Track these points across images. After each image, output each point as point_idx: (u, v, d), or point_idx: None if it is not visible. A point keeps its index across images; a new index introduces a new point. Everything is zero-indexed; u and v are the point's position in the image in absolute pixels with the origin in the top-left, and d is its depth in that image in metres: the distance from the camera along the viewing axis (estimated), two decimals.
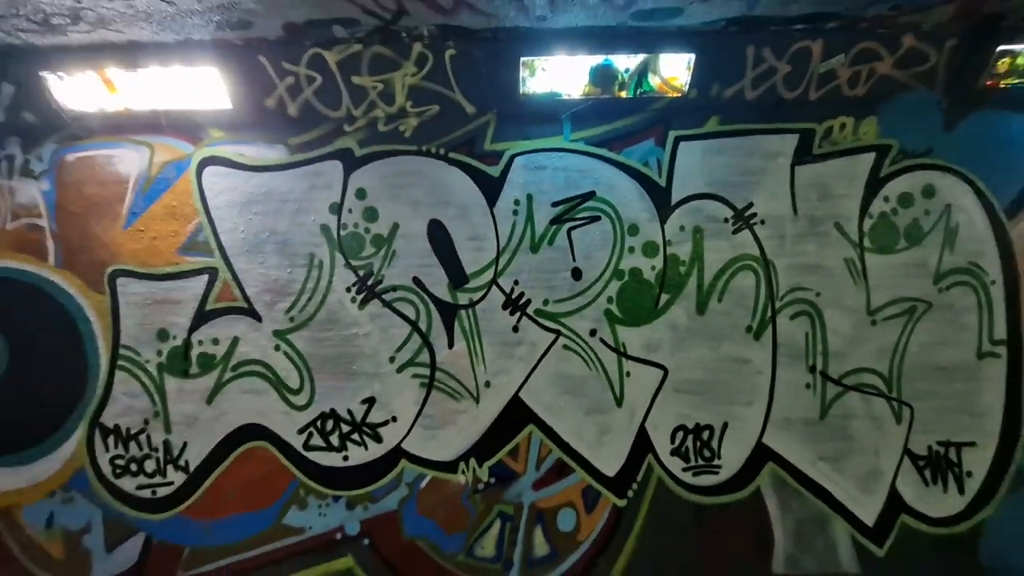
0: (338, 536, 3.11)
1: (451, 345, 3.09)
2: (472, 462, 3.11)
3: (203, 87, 2.90)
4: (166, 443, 3.12)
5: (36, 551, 3.14)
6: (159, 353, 3.10)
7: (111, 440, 3.12)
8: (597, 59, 2.83)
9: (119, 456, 3.12)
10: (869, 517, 3.13)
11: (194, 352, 3.10)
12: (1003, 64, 2.92)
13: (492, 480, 3.11)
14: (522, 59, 2.81)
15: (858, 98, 3.02)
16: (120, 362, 3.10)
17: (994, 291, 3.10)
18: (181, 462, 3.12)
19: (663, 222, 3.09)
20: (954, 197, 3.09)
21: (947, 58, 2.89)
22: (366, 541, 3.12)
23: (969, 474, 3.12)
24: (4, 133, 3.09)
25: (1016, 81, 2.97)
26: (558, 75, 2.89)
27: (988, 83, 2.99)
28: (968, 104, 3.05)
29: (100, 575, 3.13)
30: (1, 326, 3.12)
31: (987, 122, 3.07)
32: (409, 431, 3.11)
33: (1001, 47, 2.84)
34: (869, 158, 3.08)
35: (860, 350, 3.10)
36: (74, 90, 2.91)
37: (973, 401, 3.10)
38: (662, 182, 3.08)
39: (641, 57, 2.83)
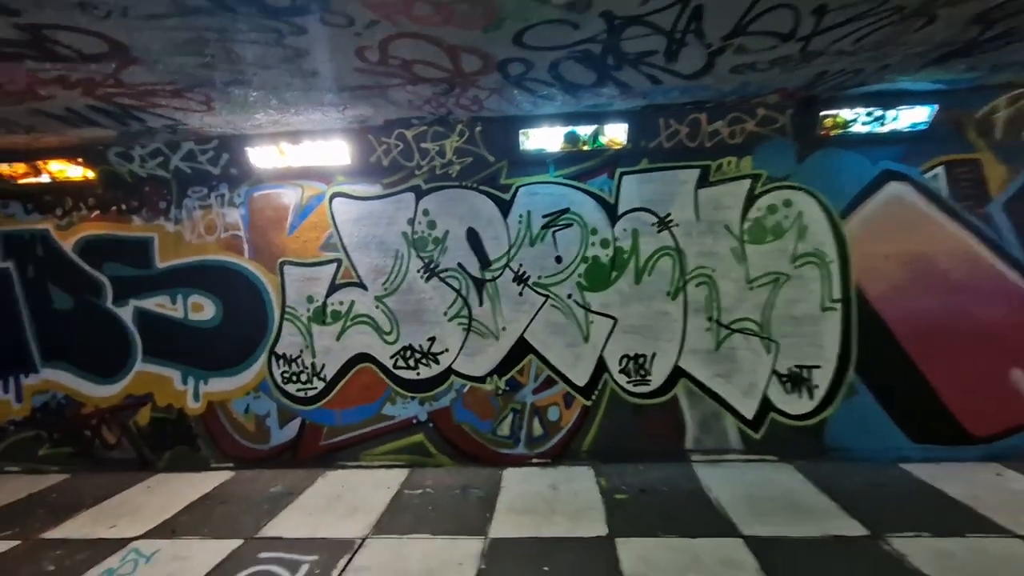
0: (414, 421, 5.13)
1: (481, 304, 5.04)
2: (495, 377, 5.05)
3: (335, 152, 4.94)
4: (312, 364, 5.22)
5: (239, 427, 5.32)
6: (308, 310, 5.20)
7: (281, 362, 5.25)
8: (566, 128, 4.68)
9: (286, 371, 5.25)
10: (749, 413, 4.87)
11: (329, 309, 5.18)
12: (829, 121, 4.58)
13: (507, 388, 5.05)
14: (520, 130, 4.70)
15: (738, 144, 4.73)
16: (286, 316, 5.22)
17: (832, 267, 4.76)
18: (322, 375, 5.22)
19: (613, 226, 4.91)
20: (804, 206, 4.76)
21: (790, 119, 4.57)
22: (431, 424, 5.12)
23: (816, 386, 4.80)
24: (219, 180, 5.24)
25: (840, 131, 4.62)
26: (543, 139, 4.76)
27: (823, 132, 4.65)
28: (812, 146, 4.71)
29: (275, 442, 5.28)
30: (218, 294, 5.28)
31: (825, 157, 4.72)
32: (456, 357, 5.08)
33: (823, 112, 4.50)
34: (747, 182, 4.80)
35: (742, 306, 4.84)
36: (261, 155, 5.01)
37: (818, 339, 4.78)
38: (612, 201, 4.90)
39: (594, 127, 4.66)
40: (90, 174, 5.17)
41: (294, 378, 5.24)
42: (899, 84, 4.15)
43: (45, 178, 5.19)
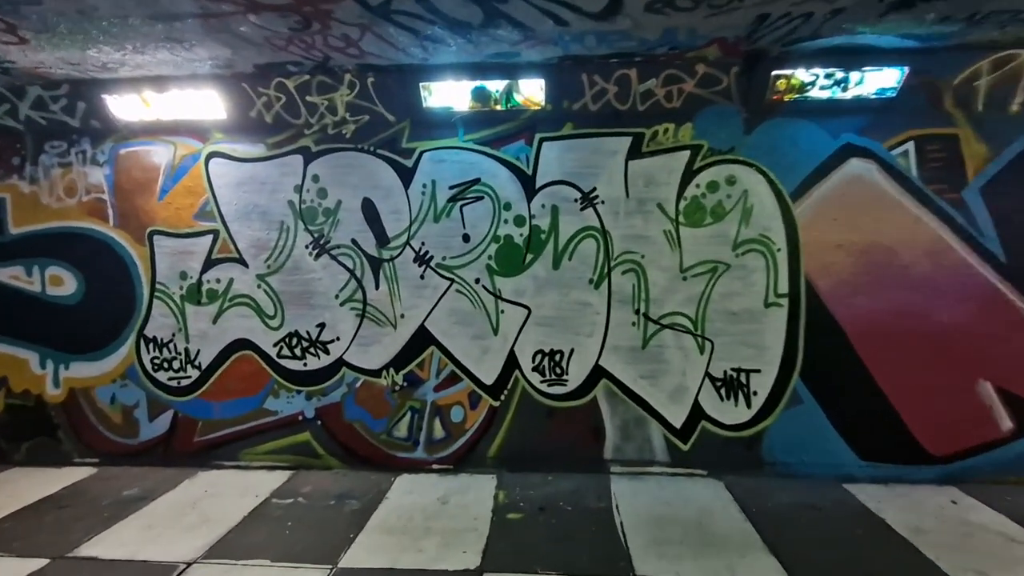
0: (300, 418, 4.55)
1: (377, 287, 4.41)
2: (392, 370, 4.46)
3: (207, 104, 4.25)
4: (186, 350, 4.61)
5: (104, 418, 4.72)
6: (181, 288, 4.56)
7: (151, 346, 4.63)
8: (474, 83, 4.01)
9: (156, 357, 4.63)
10: (677, 421, 4.31)
11: (204, 288, 4.54)
12: (782, 84, 3.92)
13: (405, 383, 4.46)
14: (421, 83, 4.02)
15: (676, 110, 4.08)
16: (156, 293, 4.58)
17: (779, 257, 4.15)
18: (196, 363, 4.61)
19: (530, 201, 4.27)
20: (751, 184, 4.13)
21: (735, 80, 3.91)
22: (319, 422, 4.54)
23: (755, 393, 4.24)
24: (80, 134, 4.55)
25: (795, 96, 3.96)
26: (449, 94, 4.09)
27: (774, 98, 3.99)
28: (761, 113, 4.06)
29: (144, 436, 4.69)
30: (78, 266, 4.64)
31: (776, 128, 4.08)
32: (348, 347, 4.48)
33: (774, 72, 3.83)
34: (685, 154, 4.15)
35: (674, 298, 4.24)
36: (124, 106, 4.31)
37: (760, 338, 4.20)
38: (529, 172, 4.25)
39: (505, 82, 3.99)
40: None
41: (165, 365, 4.63)
42: (863, 39, 3.49)
43: None
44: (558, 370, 4.35)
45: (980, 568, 3.06)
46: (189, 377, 4.62)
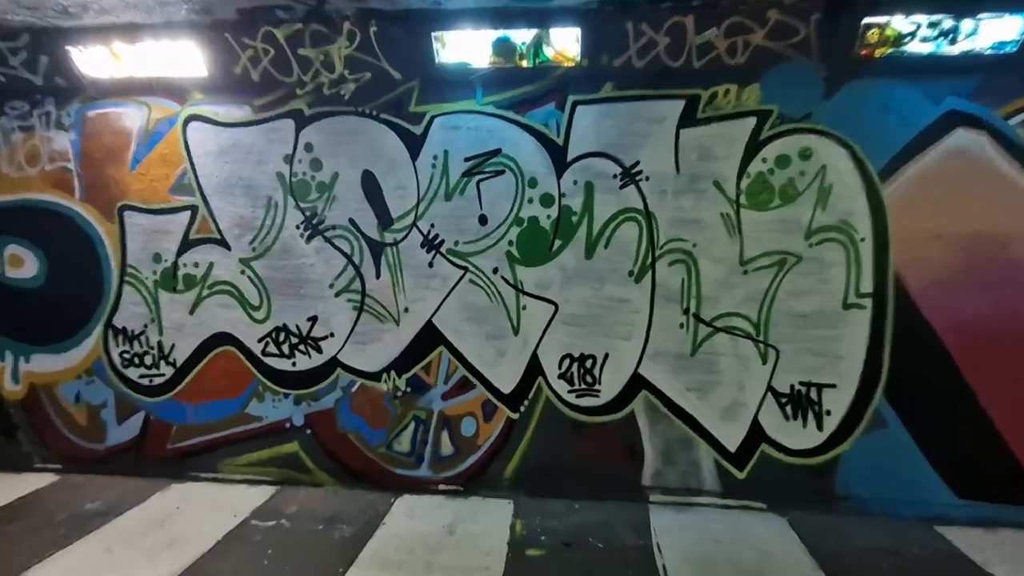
0: (287, 425, 4.35)
1: (378, 276, 4.17)
2: (393, 373, 4.22)
3: (186, 58, 4.04)
4: (159, 343, 4.44)
5: (68, 419, 4.59)
6: (155, 272, 4.39)
7: (120, 338, 4.48)
8: (497, 34, 3.71)
9: (126, 351, 4.48)
10: (732, 444, 3.98)
11: (180, 273, 4.36)
12: (873, 35, 3.53)
13: (409, 389, 4.22)
14: (433, 34, 3.74)
15: (740, 67, 3.72)
16: (127, 278, 4.42)
17: (863, 248, 3.78)
18: (171, 359, 4.44)
19: (559, 177, 3.97)
20: (830, 159, 3.76)
21: (815, 30, 3.54)
22: (309, 431, 4.34)
23: (828, 412, 3.89)
24: (43, 94, 4.39)
25: (889, 50, 3.58)
26: (466, 47, 3.80)
27: (863, 52, 3.61)
28: (845, 73, 3.68)
29: (112, 441, 4.55)
30: (40, 245, 4.50)
31: (864, 90, 3.70)
32: (343, 345, 4.25)
33: (865, 20, 3.45)
34: (750, 122, 3.80)
35: (732, 296, 3.90)
36: (91, 60, 4.13)
37: (836, 347, 3.84)
38: (560, 141, 3.95)
39: (533, 32, 3.68)
40: None
41: (136, 360, 4.47)
42: None
43: None
44: (589, 378, 4.05)
45: None
46: (163, 375, 4.46)
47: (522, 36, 3.72)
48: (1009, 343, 3.74)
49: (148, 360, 4.46)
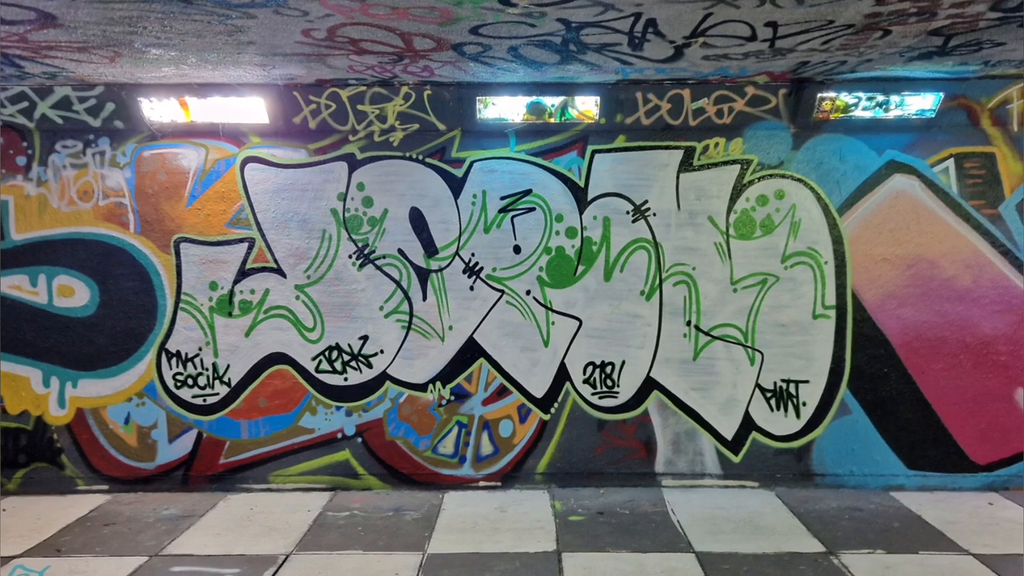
0: (339, 436, 6.71)
1: (425, 298, 6.63)
2: (438, 384, 6.67)
3: (249, 108, 6.38)
4: (214, 364, 6.71)
5: (116, 440, 6.76)
6: (210, 299, 6.67)
7: (173, 361, 6.71)
8: (530, 98, 6.29)
9: (179, 373, 6.71)
10: (728, 432, 6.67)
11: (237, 299, 6.66)
12: (827, 104, 6.34)
13: (452, 398, 6.68)
14: (478, 97, 6.27)
15: (726, 125, 6.45)
16: (182, 304, 6.67)
17: (827, 269, 6.57)
18: (225, 379, 6.71)
19: (581, 213, 6.56)
20: (799, 199, 6.53)
21: (783, 100, 6.31)
22: (359, 439, 6.71)
23: (804, 403, 6.64)
24: (96, 134, 6.60)
25: (840, 115, 6.39)
26: (504, 107, 6.36)
27: (821, 116, 6.41)
28: (809, 130, 6.48)
29: (163, 459, 6.76)
30: (94, 276, 6.68)
31: (824, 144, 6.50)
32: (392, 360, 6.67)
33: (820, 94, 6.25)
34: (736, 168, 6.53)
35: (725, 310, 6.60)
36: (159, 110, 6.40)
37: (808, 349, 6.60)
38: (581, 183, 6.55)
39: (561, 98, 6.29)
40: None
41: (190, 381, 6.71)
42: (898, 71, 5.93)
43: None
44: (609, 382, 6.65)
45: (992, 543, 5.48)
46: (217, 394, 6.72)
47: (552, 100, 6.31)
48: (943, 344, 6.58)
49: (202, 381, 6.72)
